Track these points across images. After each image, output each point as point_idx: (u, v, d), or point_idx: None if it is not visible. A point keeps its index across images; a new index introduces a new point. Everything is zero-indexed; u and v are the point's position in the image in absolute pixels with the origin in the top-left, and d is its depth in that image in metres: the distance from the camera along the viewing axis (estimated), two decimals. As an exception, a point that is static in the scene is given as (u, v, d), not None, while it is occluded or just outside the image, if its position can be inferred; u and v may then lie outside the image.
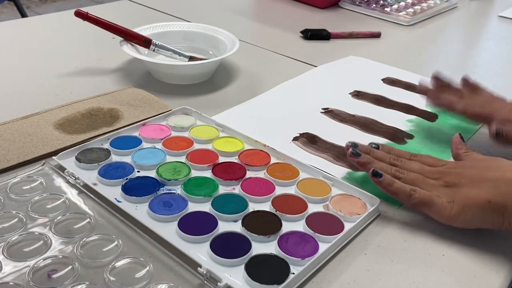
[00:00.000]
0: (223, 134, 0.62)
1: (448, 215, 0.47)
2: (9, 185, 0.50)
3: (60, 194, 0.49)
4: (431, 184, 0.50)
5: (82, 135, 0.59)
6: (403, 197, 0.49)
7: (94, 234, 0.45)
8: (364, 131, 0.66)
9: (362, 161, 0.53)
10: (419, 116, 0.71)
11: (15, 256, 0.42)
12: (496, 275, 0.45)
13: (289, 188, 0.53)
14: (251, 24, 1.10)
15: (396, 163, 0.54)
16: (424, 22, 1.16)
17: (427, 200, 0.48)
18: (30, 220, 0.46)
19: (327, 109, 0.72)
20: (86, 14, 0.74)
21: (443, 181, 0.50)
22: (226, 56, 0.75)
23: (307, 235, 0.46)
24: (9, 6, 2.91)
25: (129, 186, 0.50)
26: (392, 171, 0.51)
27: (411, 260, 0.46)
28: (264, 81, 0.79)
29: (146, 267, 0.42)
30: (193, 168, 0.55)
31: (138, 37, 0.77)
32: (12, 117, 0.62)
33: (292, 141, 0.63)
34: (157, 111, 0.66)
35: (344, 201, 0.51)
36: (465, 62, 0.98)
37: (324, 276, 0.43)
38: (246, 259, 0.43)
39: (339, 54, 0.92)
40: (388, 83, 0.81)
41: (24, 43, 0.87)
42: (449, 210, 0.47)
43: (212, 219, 0.47)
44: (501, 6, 1.31)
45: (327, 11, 1.19)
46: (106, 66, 0.80)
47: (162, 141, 0.59)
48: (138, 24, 0.81)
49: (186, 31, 0.85)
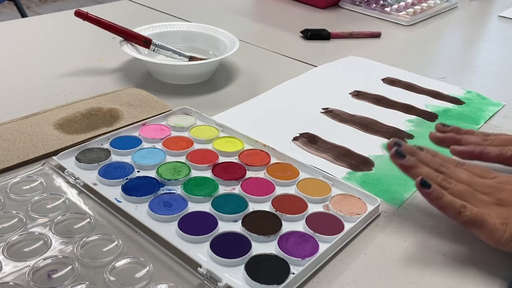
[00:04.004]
0: (223, 134, 0.62)
1: (499, 238, 0.43)
2: (9, 185, 0.50)
3: (60, 194, 0.49)
4: (481, 200, 0.45)
5: (82, 135, 0.59)
6: (451, 213, 0.44)
7: (94, 234, 0.45)
8: (364, 131, 0.66)
9: (407, 164, 0.48)
10: (419, 116, 0.71)
11: (15, 256, 0.42)
12: (496, 275, 0.45)
13: (289, 188, 0.53)
14: (251, 24, 1.10)
15: (443, 170, 0.48)
16: (424, 22, 1.16)
17: (478, 220, 0.43)
18: (30, 220, 0.46)
19: (327, 109, 0.72)
20: (86, 14, 0.74)
21: (496, 198, 0.45)
22: (226, 56, 0.75)
23: (307, 235, 0.46)
24: (9, 6, 2.91)
25: (129, 186, 0.50)
26: (439, 180, 0.47)
27: (411, 260, 0.46)
28: (264, 81, 0.79)
29: (146, 267, 0.42)
30: (193, 168, 0.55)
31: (138, 37, 0.77)
32: (12, 117, 0.62)
33: (292, 141, 0.63)
34: (157, 111, 0.66)
35: (344, 201, 0.51)
36: (465, 62, 0.98)
37: (324, 276, 0.43)
38: (246, 259, 0.43)
39: (339, 54, 0.92)
40: (388, 83, 0.81)
41: (24, 43, 0.87)
42: (501, 233, 0.43)
43: (212, 219, 0.47)
44: (501, 6, 1.31)
45: (327, 11, 1.19)
46: (106, 66, 0.80)
47: (162, 141, 0.59)
48: (138, 24, 0.81)
49: (186, 31, 0.85)
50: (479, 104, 0.75)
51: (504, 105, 0.76)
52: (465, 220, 0.44)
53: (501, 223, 0.43)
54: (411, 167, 0.48)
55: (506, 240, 0.43)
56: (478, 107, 0.74)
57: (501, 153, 0.52)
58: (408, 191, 0.55)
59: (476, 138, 0.55)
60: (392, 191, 0.55)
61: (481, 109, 0.74)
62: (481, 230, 0.44)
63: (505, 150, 0.52)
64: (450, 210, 0.44)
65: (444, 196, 0.45)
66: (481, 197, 0.46)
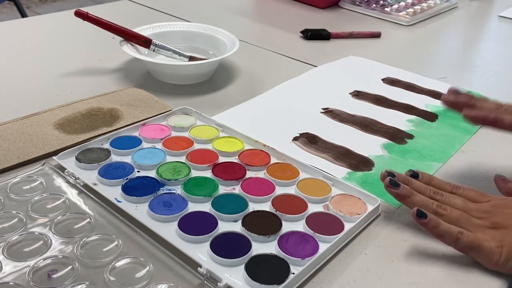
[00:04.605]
0: (223, 134, 0.62)
1: (496, 261, 0.44)
2: (9, 185, 0.50)
3: (60, 194, 0.49)
4: (476, 225, 0.46)
5: (82, 135, 0.59)
6: (449, 240, 0.45)
7: (94, 234, 0.45)
8: (364, 131, 0.66)
9: (402, 193, 0.48)
10: (419, 116, 0.71)
11: (15, 256, 0.42)
12: (496, 275, 0.45)
13: (289, 188, 0.53)
14: (251, 24, 1.10)
15: (437, 197, 0.49)
16: (424, 22, 1.16)
17: (475, 245, 0.44)
18: (30, 220, 0.46)
19: (327, 109, 0.72)
20: (86, 14, 0.74)
21: (490, 222, 0.46)
22: (226, 56, 0.75)
23: (307, 235, 0.46)
24: (9, 6, 2.91)
25: (129, 186, 0.50)
26: (434, 207, 0.47)
27: (411, 260, 0.46)
28: (264, 81, 0.79)
29: (146, 267, 0.42)
30: (193, 168, 0.55)
31: (138, 37, 0.77)
32: (12, 117, 0.62)
33: (292, 141, 0.63)
34: (157, 111, 0.66)
35: (344, 201, 0.51)
36: (465, 62, 0.98)
37: (324, 276, 0.43)
38: (246, 259, 0.43)
39: (339, 54, 0.92)
40: (388, 83, 0.81)
41: (24, 43, 0.87)
42: (497, 256, 0.44)
43: (212, 219, 0.47)
44: (501, 6, 1.31)
45: (327, 11, 1.19)
46: (106, 66, 0.80)
47: (162, 141, 0.59)
48: (138, 24, 0.81)
49: (186, 31, 0.85)
50: (479, 104, 0.75)
51: (504, 105, 0.76)
52: (462, 246, 0.45)
53: (497, 246, 0.44)
54: (405, 196, 0.48)
55: (503, 262, 0.44)
56: (478, 107, 0.74)
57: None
58: (408, 191, 0.55)
59: (491, 104, 0.54)
60: (392, 191, 0.55)
61: (481, 109, 0.74)
62: (478, 254, 0.45)
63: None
64: (448, 238, 0.45)
65: (440, 225, 0.45)
66: (476, 221, 0.46)
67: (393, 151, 0.62)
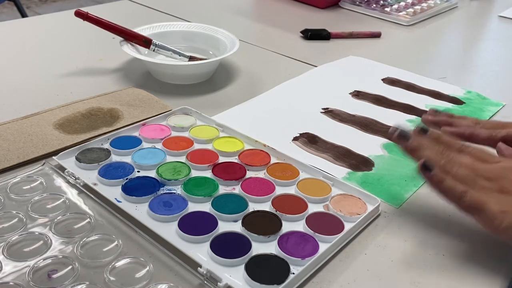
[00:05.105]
0: (223, 134, 0.62)
1: (497, 225, 0.42)
2: (9, 185, 0.50)
3: (60, 194, 0.49)
4: (483, 186, 0.45)
5: (82, 135, 0.59)
6: (451, 198, 0.45)
7: (94, 234, 0.45)
8: (364, 131, 0.66)
9: (411, 146, 0.47)
10: (419, 116, 0.71)
11: (15, 256, 0.42)
12: (496, 275, 0.45)
13: (289, 188, 0.53)
14: (251, 24, 1.10)
15: (446, 154, 0.48)
16: (424, 22, 1.16)
17: (478, 206, 0.43)
18: (30, 220, 0.46)
19: (327, 109, 0.72)
20: (86, 14, 0.74)
21: (498, 185, 0.44)
22: (226, 56, 0.75)
23: (307, 235, 0.46)
24: (9, 6, 2.91)
25: (129, 186, 0.50)
26: (442, 163, 0.46)
27: (411, 260, 0.46)
28: (264, 81, 0.79)
29: (146, 267, 0.42)
30: (193, 168, 0.55)
31: (138, 37, 0.77)
32: (12, 117, 0.62)
33: (292, 141, 0.63)
34: (157, 111, 0.66)
35: (344, 201, 0.51)
36: (465, 62, 0.98)
37: (324, 276, 0.43)
38: (246, 259, 0.43)
39: (339, 54, 0.92)
40: (388, 83, 0.81)
41: (24, 43, 0.87)
42: (499, 220, 0.42)
43: (212, 219, 0.47)
44: (501, 6, 1.31)
45: (327, 11, 1.19)
46: (106, 66, 0.80)
47: (162, 141, 0.59)
48: (138, 24, 0.81)
49: (186, 31, 0.85)
50: (479, 104, 0.75)
51: (504, 105, 0.76)
52: (464, 205, 0.44)
53: (501, 211, 0.42)
54: (415, 149, 0.47)
55: (504, 228, 0.42)
56: (478, 107, 0.74)
57: (490, 135, 0.52)
58: (408, 191, 0.55)
59: (468, 121, 0.56)
60: (392, 191, 0.55)
61: (481, 109, 0.74)
62: (479, 216, 0.44)
63: (495, 132, 0.52)
64: (451, 195, 0.45)
65: (445, 181, 0.45)
66: (483, 183, 0.45)
67: (393, 151, 0.62)
